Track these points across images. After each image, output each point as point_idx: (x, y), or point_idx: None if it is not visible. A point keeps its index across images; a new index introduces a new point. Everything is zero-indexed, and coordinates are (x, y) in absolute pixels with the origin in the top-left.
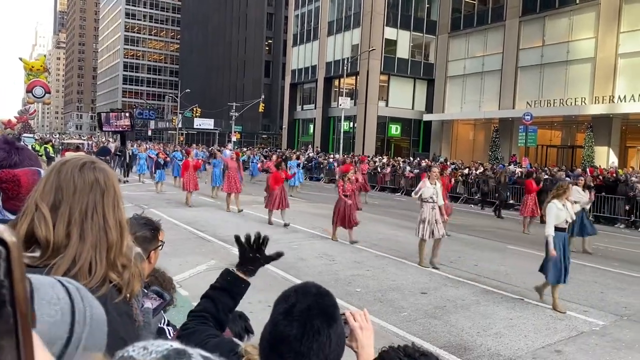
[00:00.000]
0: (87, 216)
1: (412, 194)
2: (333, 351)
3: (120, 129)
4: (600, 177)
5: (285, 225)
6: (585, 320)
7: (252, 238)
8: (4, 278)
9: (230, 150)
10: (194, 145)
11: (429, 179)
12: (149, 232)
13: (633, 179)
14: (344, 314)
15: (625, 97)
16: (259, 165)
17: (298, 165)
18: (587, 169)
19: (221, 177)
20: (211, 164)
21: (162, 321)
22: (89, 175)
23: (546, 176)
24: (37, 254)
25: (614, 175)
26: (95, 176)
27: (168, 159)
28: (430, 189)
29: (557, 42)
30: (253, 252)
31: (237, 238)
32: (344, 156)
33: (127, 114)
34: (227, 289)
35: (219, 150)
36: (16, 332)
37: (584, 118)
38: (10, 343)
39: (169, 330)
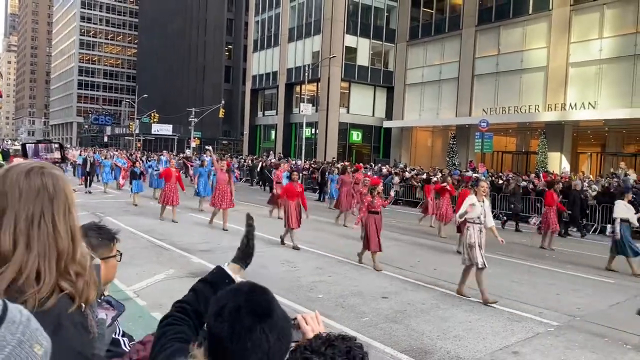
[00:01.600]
0: (33, 223)
1: (457, 216)
2: (273, 347)
3: (55, 161)
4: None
5: (295, 247)
6: (540, 321)
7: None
8: None
9: (211, 157)
10: (165, 152)
11: (475, 194)
12: (95, 240)
13: (585, 184)
14: (295, 319)
15: (576, 104)
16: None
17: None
18: (541, 174)
19: (208, 188)
20: (192, 174)
21: (117, 332)
22: (35, 180)
23: (501, 182)
24: None
25: (568, 180)
26: (43, 181)
27: (142, 168)
28: (478, 207)
29: (512, 51)
30: (251, 244)
31: (249, 220)
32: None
33: (57, 145)
34: (212, 283)
35: (192, 159)
36: None
37: (537, 125)
38: None
39: (124, 341)
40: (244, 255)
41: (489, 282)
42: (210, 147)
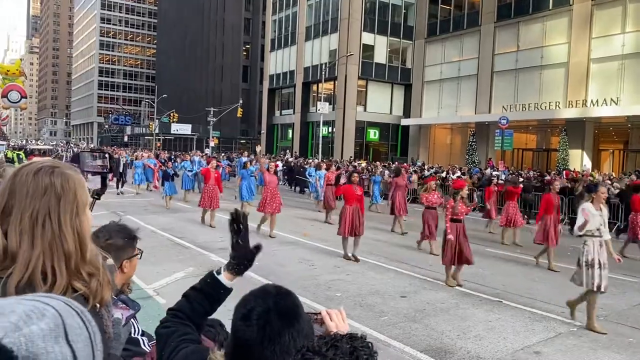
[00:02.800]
0: (37, 222)
1: (576, 229)
2: None
3: (98, 169)
4: (577, 180)
5: (355, 259)
6: (562, 321)
7: (234, 217)
8: None
9: (247, 158)
10: (198, 152)
11: (592, 202)
12: (121, 240)
13: (607, 181)
14: (319, 314)
15: (597, 101)
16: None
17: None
18: (563, 172)
19: (251, 192)
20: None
21: (136, 331)
22: (43, 179)
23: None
24: None
25: (589, 178)
26: (51, 180)
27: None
28: (597, 217)
29: (531, 47)
30: (242, 240)
31: (233, 219)
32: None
33: (107, 155)
34: (206, 293)
35: (249, 161)
36: None
37: (558, 122)
38: None
39: (143, 340)
40: (238, 266)
41: (508, 281)
42: (259, 148)
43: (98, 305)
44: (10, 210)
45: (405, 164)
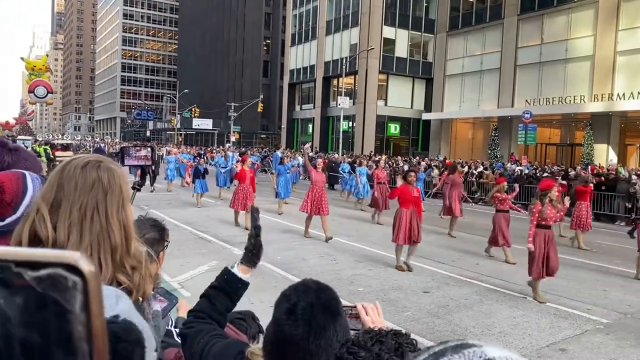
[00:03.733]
0: (86, 215)
1: None
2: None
3: (141, 162)
4: (602, 175)
5: (409, 268)
6: (589, 318)
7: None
8: (81, 312)
9: (282, 152)
10: (229, 146)
11: None
12: (157, 234)
13: (634, 176)
14: (355, 307)
15: (624, 94)
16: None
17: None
18: (589, 167)
19: (290, 189)
20: (275, 171)
21: (170, 323)
22: (91, 173)
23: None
24: None
25: (614, 173)
26: (99, 175)
27: (209, 166)
28: None
29: (556, 40)
30: (255, 233)
31: (254, 217)
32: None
33: (149, 148)
34: (224, 289)
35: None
36: None
37: (583, 116)
38: None
39: (176, 332)
40: (252, 255)
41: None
42: (309, 144)
43: (141, 299)
44: (59, 204)
45: (426, 158)
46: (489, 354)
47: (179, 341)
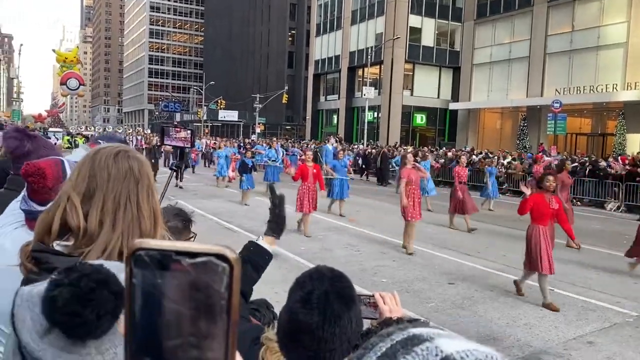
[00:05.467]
0: (120, 205)
1: None
2: (354, 332)
3: (180, 143)
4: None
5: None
6: (618, 311)
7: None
8: (225, 290)
9: (333, 144)
10: (274, 139)
11: None
12: (180, 223)
13: None
14: (373, 296)
15: None
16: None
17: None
18: (620, 157)
19: (346, 188)
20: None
21: None
22: (123, 163)
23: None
24: (71, 242)
25: None
26: (130, 164)
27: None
28: None
29: (587, 27)
30: (279, 210)
31: (272, 189)
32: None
33: (189, 131)
34: (251, 261)
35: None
36: (227, 336)
37: (615, 105)
38: (222, 345)
39: None
40: (277, 226)
41: (561, 268)
42: (332, 137)
43: None
44: (92, 194)
45: (453, 149)
46: (445, 350)
47: None
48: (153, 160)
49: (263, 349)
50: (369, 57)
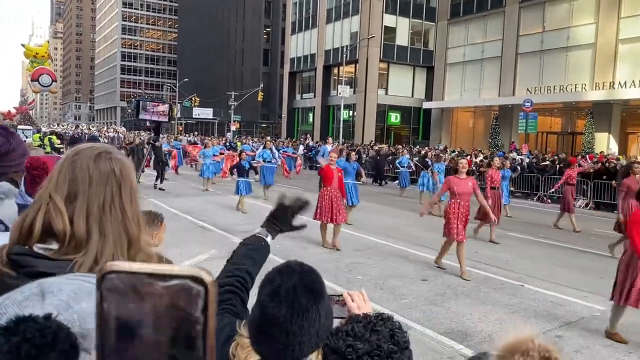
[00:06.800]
0: (104, 210)
1: None
2: (322, 326)
3: (157, 117)
4: (600, 163)
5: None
6: (585, 305)
7: (295, 200)
8: (201, 314)
9: (332, 145)
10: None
11: None
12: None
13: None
14: (341, 295)
15: (625, 83)
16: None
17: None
18: (587, 156)
19: (356, 191)
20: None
21: None
22: (104, 165)
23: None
24: (54, 246)
25: (615, 161)
26: (112, 167)
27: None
28: None
29: (557, 28)
30: (289, 212)
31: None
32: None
33: (167, 105)
34: (261, 253)
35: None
36: None
37: (584, 104)
38: None
39: None
40: (277, 217)
41: (531, 265)
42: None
43: None
44: (74, 197)
45: (426, 147)
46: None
47: None
48: (137, 159)
49: (233, 345)
50: (344, 55)
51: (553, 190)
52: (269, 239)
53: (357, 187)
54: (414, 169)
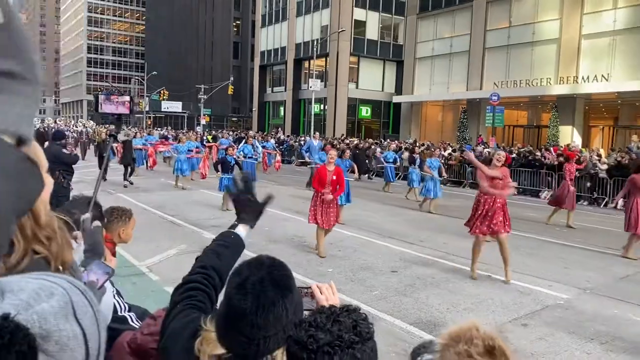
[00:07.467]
0: None
1: None
2: (290, 322)
3: (120, 110)
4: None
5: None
6: (549, 294)
7: (239, 180)
8: None
9: (318, 140)
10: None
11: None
12: (97, 213)
13: (594, 157)
14: (310, 288)
15: (588, 77)
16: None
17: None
18: (552, 148)
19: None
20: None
21: (121, 308)
22: None
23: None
24: None
25: (578, 154)
26: None
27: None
28: None
29: (523, 23)
30: (244, 194)
31: (233, 183)
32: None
33: (128, 97)
34: (231, 248)
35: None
36: None
37: (549, 98)
38: None
39: (131, 316)
40: (252, 214)
41: (498, 255)
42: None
43: (61, 268)
44: None
45: (397, 140)
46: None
47: (134, 325)
48: (104, 155)
49: (199, 340)
50: (315, 49)
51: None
52: (241, 229)
53: (350, 185)
54: (398, 164)
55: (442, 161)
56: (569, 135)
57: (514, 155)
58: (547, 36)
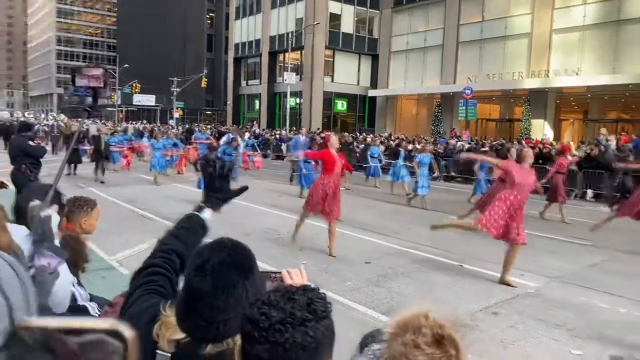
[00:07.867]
0: None
1: None
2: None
3: (93, 83)
4: (537, 148)
5: None
6: (520, 283)
7: (218, 166)
8: None
9: (305, 135)
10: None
11: None
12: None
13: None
14: (280, 273)
15: (559, 71)
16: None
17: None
18: (524, 141)
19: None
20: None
21: (81, 296)
22: None
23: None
24: None
25: (549, 146)
26: None
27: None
28: None
29: (496, 17)
30: (219, 180)
31: (206, 164)
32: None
33: (103, 69)
34: (193, 230)
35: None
36: None
37: (521, 92)
38: None
39: (92, 306)
40: (220, 199)
41: (470, 246)
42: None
43: None
44: None
45: (372, 134)
46: None
47: (96, 314)
48: (75, 148)
49: (157, 325)
50: (290, 42)
51: (545, 180)
52: (205, 213)
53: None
54: (383, 160)
55: (411, 154)
56: (541, 129)
57: (485, 148)
58: (519, 30)
